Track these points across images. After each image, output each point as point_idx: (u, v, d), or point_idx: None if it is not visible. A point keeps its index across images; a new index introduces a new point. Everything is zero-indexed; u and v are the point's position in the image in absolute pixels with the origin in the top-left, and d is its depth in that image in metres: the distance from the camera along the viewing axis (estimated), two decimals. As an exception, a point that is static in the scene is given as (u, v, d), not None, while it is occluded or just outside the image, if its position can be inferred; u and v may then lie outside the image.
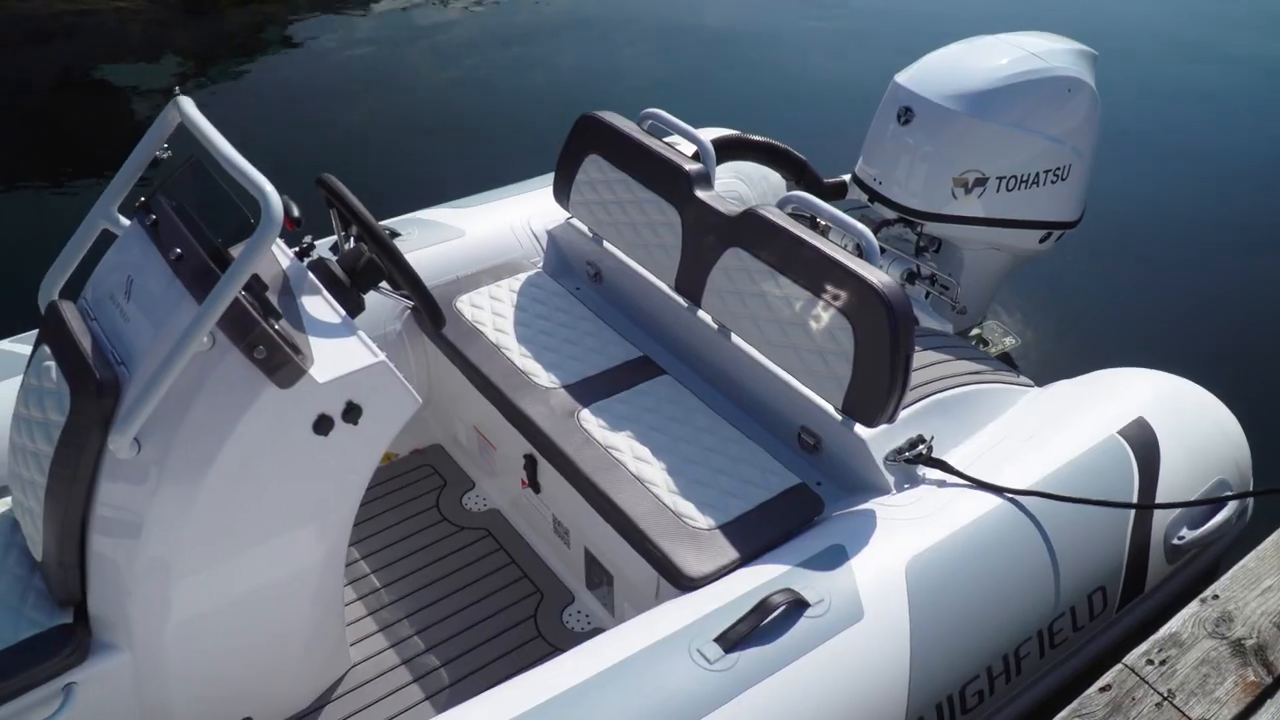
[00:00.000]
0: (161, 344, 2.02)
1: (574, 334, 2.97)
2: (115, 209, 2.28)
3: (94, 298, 2.24)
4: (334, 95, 6.53)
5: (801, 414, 2.62)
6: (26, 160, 5.81)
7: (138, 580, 2.12)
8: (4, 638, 2.12)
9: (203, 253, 2.06)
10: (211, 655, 2.30)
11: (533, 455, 2.82)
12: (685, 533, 2.36)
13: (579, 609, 2.86)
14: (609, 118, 3.10)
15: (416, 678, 2.68)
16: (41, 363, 2.14)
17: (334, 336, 2.14)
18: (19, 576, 2.24)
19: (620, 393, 2.77)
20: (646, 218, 2.94)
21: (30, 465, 2.13)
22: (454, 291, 3.11)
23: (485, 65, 7.00)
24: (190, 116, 2.05)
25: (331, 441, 2.14)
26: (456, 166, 5.74)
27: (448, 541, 3.05)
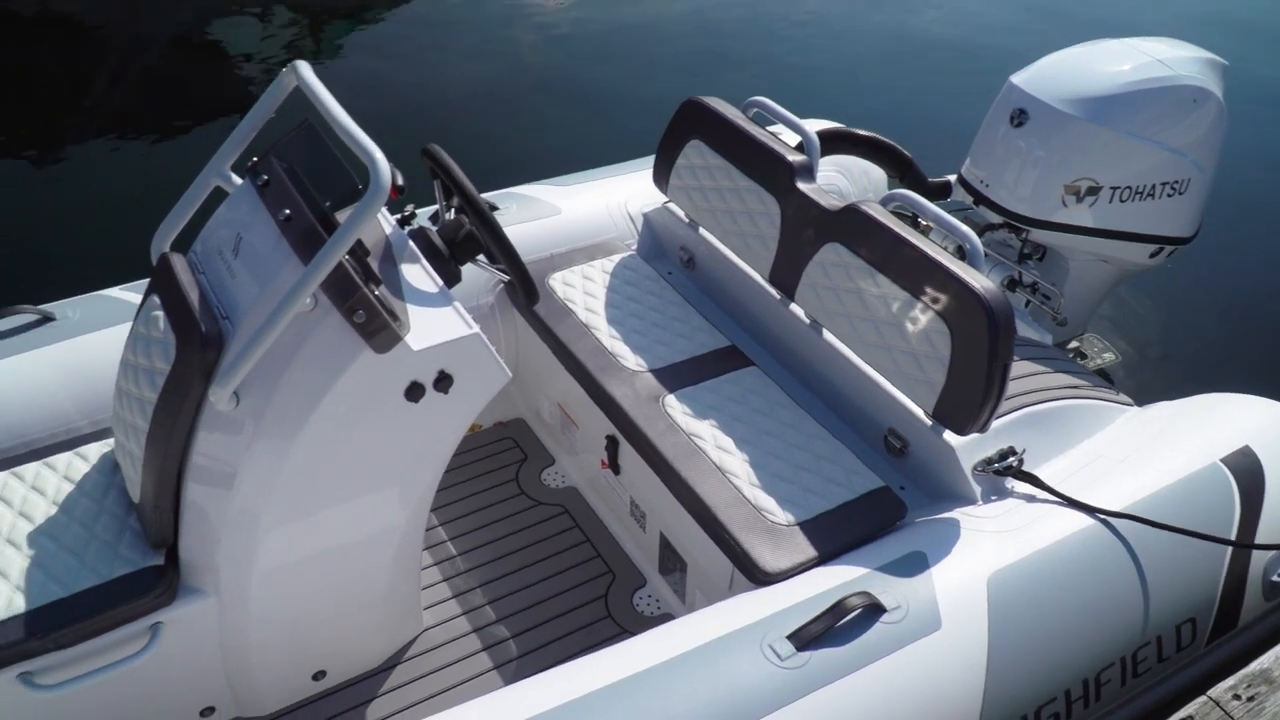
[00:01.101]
0: (265, 302, 2.07)
1: (663, 319, 2.97)
2: (228, 168, 2.34)
3: (203, 252, 2.30)
4: (441, 64, 6.61)
5: (890, 416, 2.58)
6: (142, 116, 6.01)
7: (227, 529, 2.18)
8: (100, 573, 2.20)
9: (310, 215, 2.10)
10: (292, 607, 2.36)
11: (615, 437, 2.82)
12: (764, 527, 2.34)
13: (650, 593, 2.86)
14: (714, 104, 3.07)
15: (486, 646, 2.72)
16: (150, 312, 2.21)
17: (431, 306, 2.17)
18: (117, 516, 2.33)
19: (706, 381, 2.75)
20: (745, 206, 2.92)
21: (134, 410, 2.21)
22: (547, 268, 3.13)
23: (593, 44, 7.02)
24: (306, 81, 2.09)
25: (421, 409, 2.17)
26: (557, 144, 5.77)
27: (525, 515, 3.08)
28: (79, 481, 2.41)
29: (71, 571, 2.20)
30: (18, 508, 2.34)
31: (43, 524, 2.30)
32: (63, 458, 2.47)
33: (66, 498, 2.37)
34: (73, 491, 2.38)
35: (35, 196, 5.30)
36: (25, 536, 2.27)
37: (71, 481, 2.41)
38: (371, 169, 1.88)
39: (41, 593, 2.16)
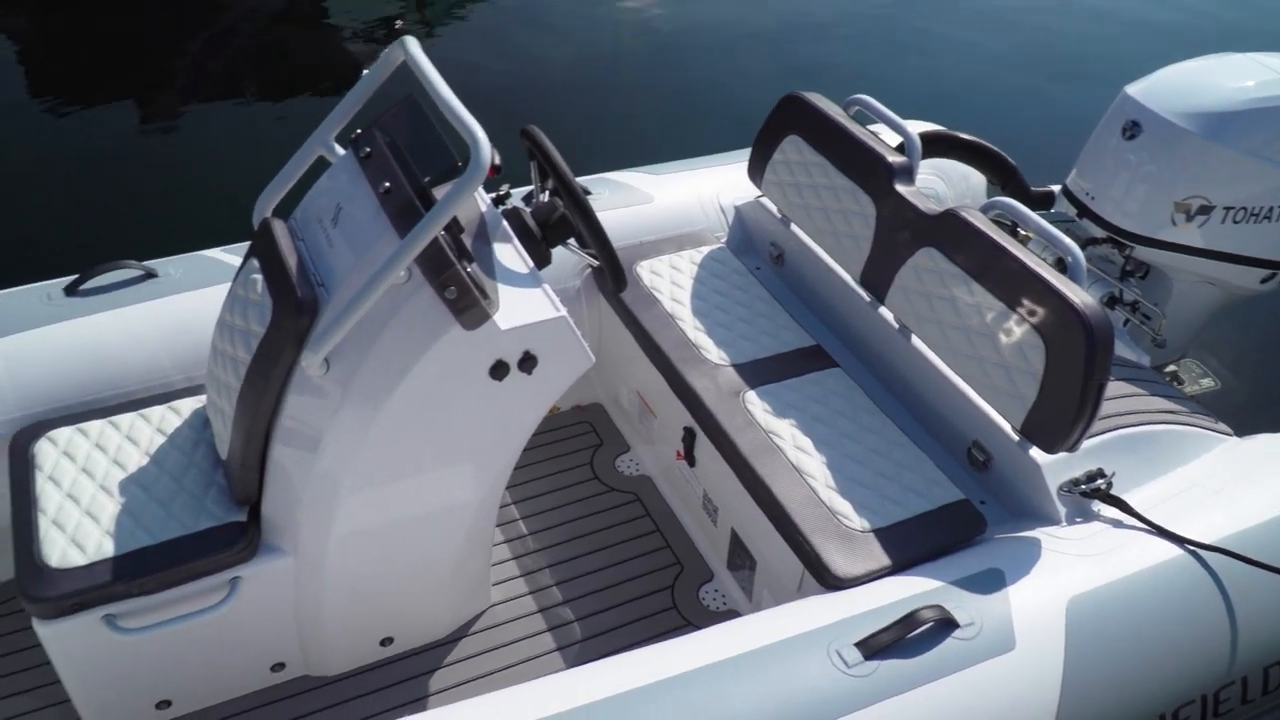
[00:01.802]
0: (361, 272, 2.10)
1: (749, 314, 2.94)
2: (332, 138, 2.38)
3: (303, 219, 2.34)
4: (541, 46, 6.65)
5: (975, 428, 2.52)
6: (250, 84, 6.15)
7: (309, 491, 2.23)
8: (185, 524, 2.27)
9: (409, 189, 2.13)
10: (365, 571, 2.40)
11: (692, 428, 2.81)
12: (838, 531, 2.31)
13: (716, 588, 2.85)
14: (814, 99, 3.03)
15: (550, 627, 2.73)
16: (250, 275, 2.26)
17: (520, 286, 2.18)
18: (204, 471, 2.39)
19: (789, 379, 2.72)
20: (840, 205, 2.87)
21: (228, 369, 2.27)
22: (635, 256, 3.13)
23: (693, 32, 6.99)
24: (414, 56, 2.11)
25: (504, 387, 2.19)
26: (651, 131, 5.77)
27: (597, 500, 3.09)
28: (171, 434, 2.48)
29: (159, 521, 2.27)
30: (112, 455, 2.42)
31: (134, 473, 2.38)
32: (156, 410, 2.55)
33: (158, 449, 2.44)
34: (164, 444, 2.46)
35: (145, 157, 5.48)
36: (118, 484, 2.35)
37: (164, 434, 2.48)
38: (473, 147, 1.90)
39: (130, 539, 2.23)
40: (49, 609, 2.14)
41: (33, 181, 5.27)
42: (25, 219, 5.01)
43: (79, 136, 5.62)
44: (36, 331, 2.59)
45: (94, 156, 5.46)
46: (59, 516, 2.27)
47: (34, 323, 2.61)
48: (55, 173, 5.33)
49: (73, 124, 5.74)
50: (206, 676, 2.44)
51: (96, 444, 2.45)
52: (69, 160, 5.43)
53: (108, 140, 5.59)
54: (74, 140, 5.59)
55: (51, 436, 2.46)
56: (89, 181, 5.27)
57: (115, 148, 5.53)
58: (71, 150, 5.51)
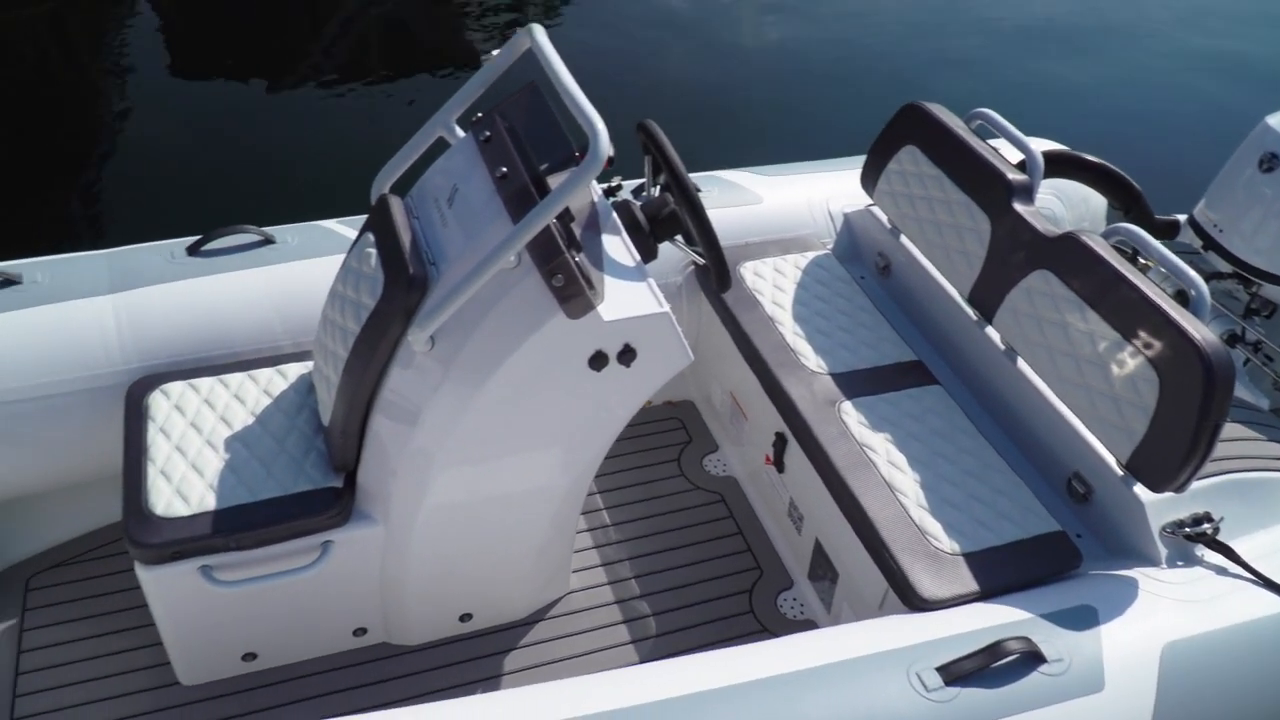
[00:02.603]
0: (472, 254, 2.13)
1: (850, 323, 2.91)
2: (454, 120, 2.42)
3: (419, 197, 2.39)
4: (659, 40, 6.66)
5: (1077, 459, 2.45)
6: (373, 63, 6.30)
7: (404, 463, 2.27)
8: (284, 485, 2.34)
9: (525, 175, 2.15)
10: (451, 546, 2.45)
11: (784, 434, 2.79)
12: (926, 551, 2.27)
13: (795, 596, 2.83)
14: (935, 110, 2.98)
15: (626, 619, 2.75)
16: (364, 248, 2.32)
17: (625, 279, 2.19)
18: (306, 435, 2.46)
19: (886, 393, 2.68)
20: (954, 220, 2.82)
21: (336, 338, 2.32)
22: (740, 256, 3.11)
23: (813, 35, 6.92)
24: (540, 45, 2.13)
25: (602, 378, 2.20)
26: (766, 132, 5.73)
27: (681, 498, 3.09)
28: (276, 397, 2.56)
29: (259, 479, 2.35)
30: (220, 412, 2.50)
31: (239, 431, 2.46)
32: (265, 372, 2.63)
33: (263, 410, 2.52)
34: (270, 405, 2.53)
35: (270, 127, 5.65)
36: (223, 440, 2.43)
37: (270, 396, 2.56)
38: (592, 139, 1.91)
39: (230, 495, 2.31)
40: (151, 555, 2.22)
41: (165, 144, 5.49)
42: (156, 179, 5.22)
43: (211, 103, 5.84)
44: (158, 288, 2.69)
45: (223, 123, 5.66)
46: (167, 467, 2.36)
47: (157, 279, 2.71)
48: (186, 136, 5.55)
49: (206, 91, 5.96)
50: (292, 634, 2.52)
51: (206, 400, 2.53)
52: (200, 125, 5.64)
53: (237, 108, 5.79)
54: (206, 106, 5.80)
55: (165, 390, 2.55)
56: (216, 146, 5.47)
57: (244, 116, 5.72)
58: (203, 116, 5.72)
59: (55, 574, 2.78)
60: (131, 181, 5.21)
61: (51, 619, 2.67)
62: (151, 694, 2.52)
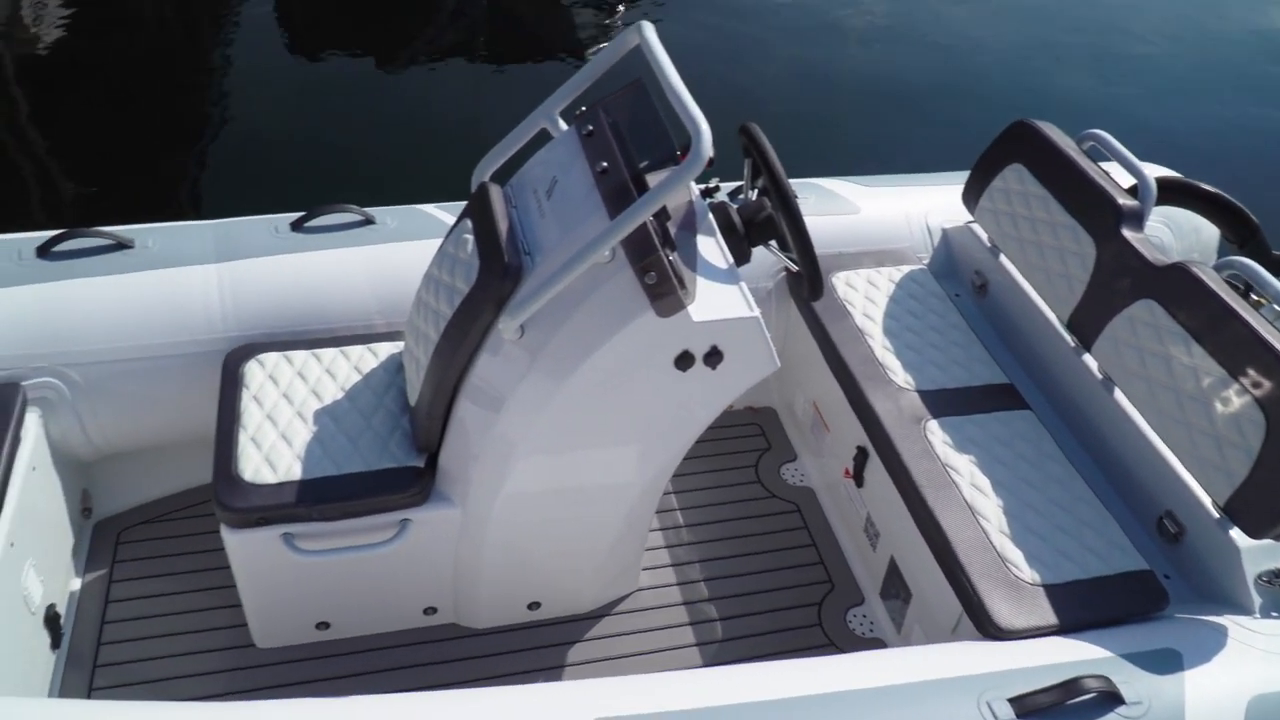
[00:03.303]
0: (567, 246, 2.14)
1: (942, 341, 2.85)
2: (557, 113, 2.43)
3: (518, 187, 2.41)
4: (764, 42, 6.62)
5: (1171, 498, 2.37)
6: (479, 52, 6.39)
7: (485, 449, 2.30)
8: (368, 461, 2.39)
9: (625, 172, 2.16)
10: (525, 534, 2.47)
11: (866, 448, 2.76)
12: (1006, 579, 2.22)
13: (865, 613, 2.79)
14: (1045, 129, 2.90)
15: (692, 621, 2.74)
16: (462, 234, 2.35)
17: (717, 281, 2.18)
18: (392, 414, 2.51)
19: (975, 414, 2.63)
20: (1057, 242, 2.75)
21: (428, 320, 2.36)
22: (834, 266, 3.08)
23: (920, 43, 6.82)
24: (649, 42, 2.14)
25: (687, 378, 2.20)
26: (867, 142, 5.66)
27: (756, 504, 3.07)
28: (366, 374, 2.61)
29: (345, 453, 2.40)
30: (311, 385, 2.56)
31: (329, 405, 2.51)
32: (356, 349, 2.69)
33: (353, 386, 2.57)
34: (359, 382, 2.59)
35: (376, 110, 5.77)
36: (313, 412, 2.49)
37: (360, 373, 2.61)
38: (695, 139, 1.90)
39: (316, 466, 2.36)
40: (237, 518, 2.29)
41: (274, 121, 5.65)
42: (265, 155, 5.37)
43: (322, 83, 5.98)
44: (261, 260, 2.77)
45: (331, 103, 5.80)
46: (257, 434, 2.42)
47: (260, 251, 2.78)
48: (295, 115, 5.70)
49: (318, 71, 6.11)
50: (365, 608, 2.57)
51: (299, 372, 2.60)
52: (309, 104, 5.79)
53: (346, 90, 5.92)
54: (316, 86, 5.95)
55: (260, 359, 2.62)
56: (323, 126, 5.60)
57: (352, 98, 5.86)
58: (313, 95, 5.87)
59: (145, 529, 2.88)
60: (241, 156, 5.37)
61: (139, 572, 2.76)
62: (227, 653, 2.59)
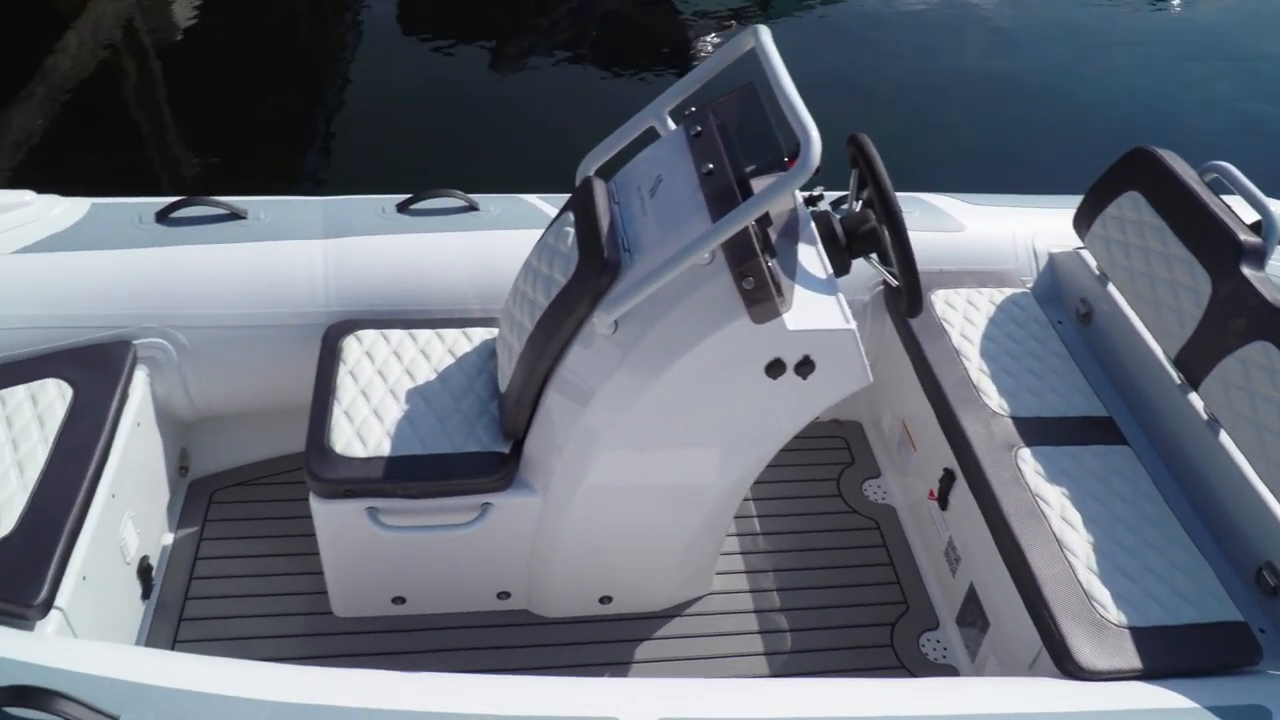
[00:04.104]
0: (668, 245, 2.15)
1: (1041, 367, 2.78)
2: (666, 112, 2.44)
3: (622, 183, 2.42)
4: (876, 51, 6.54)
5: (1273, 549, 2.27)
6: (592, 48, 6.43)
7: (570, 440, 2.32)
8: (455, 443, 2.42)
9: (731, 174, 2.15)
10: (603, 528, 2.48)
11: (953, 471, 2.70)
12: (1090, 618, 2.15)
13: (939, 639, 2.74)
14: (1166, 158, 2.81)
15: (762, 630, 2.72)
16: (563, 227, 2.37)
17: (815, 290, 2.16)
18: (482, 399, 2.54)
19: (1069, 446, 2.56)
20: (1170, 275, 2.65)
21: (524, 310, 2.39)
22: (934, 283, 3.02)
23: (1040, 61, 6.65)
24: (764, 45, 2.13)
25: (776, 386, 2.18)
26: (977, 158, 5.55)
27: (836, 518, 3.04)
28: (459, 358, 2.65)
29: (433, 434, 2.44)
30: (406, 364, 2.61)
31: (421, 385, 2.56)
32: (451, 333, 2.73)
33: (446, 368, 2.62)
34: (452, 365, 2.63)
35: (486, 99, 5.86)
36: (405, 391, 2.54)
37: (453, 356, 2.66)
38: (805, 146, 1.89)
39: (404, 444, 2.41)
40: (325, 489, 2.35)
41: (387, 104, 5.78)
42: (376, 136, 5.50)
43: (435, 71, 6.10)
44: (366, 239, 2.83)
45: (443, 90, 5.91)
46: (351, 408, 2.48)
47: (366, 230, 2.85)
48: (407, 99, 5.82)
49: (432, 59, 6.24)
50: (440, 586, 2.61)
51: (394, 351, 2.65)
52: (421, 90, 5.91)
53: (458, 78, 6.03)
54: (430, 73, 6.08)
55: (359, 335, 2.69)
56: (434, 112, 5.71)
57: (463, 86, 5.96)
58: (425, 81, 5.99)
59: (237, 491, 2.97)
60: (354, 136, 5.51)
61: (228, 533, 2.86)
62: (306, 618, 2.66)
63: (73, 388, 2.47)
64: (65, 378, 2.49)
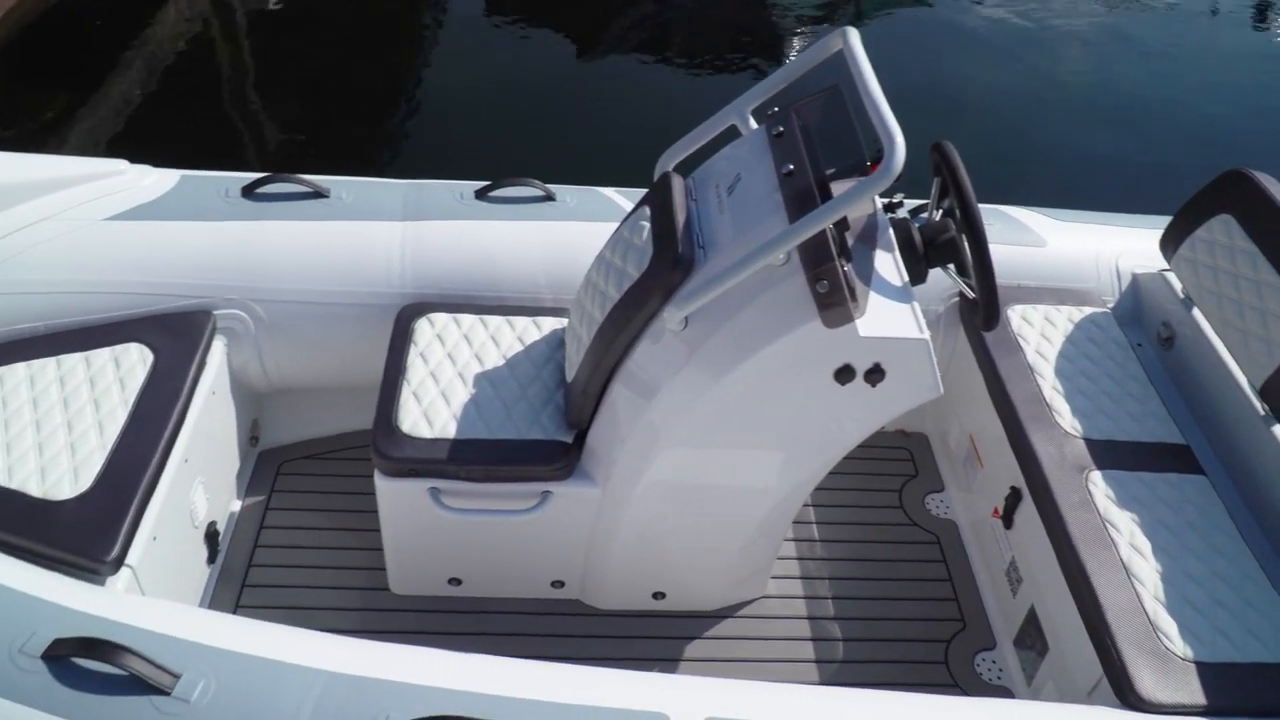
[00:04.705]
0: (743, 244, 2.14)
1: (1117, 390, 2.71)
2: (749, 111, 2.43)
3: (700, 180, 2.42)
4: (964, 58, 6.44)
5: None
6: (675, 43, 6.42)
7: (633, 434, 2.32)
8: (519, 430, 2.44)
9: (811, 176, 2.13)
10: (660, 524, 2.48)
11: (1020, 490, 2.65)
12: (1155, 649, 2.10)
13: (994, 659, 2.69)
14: (1262, 180, 2.72)
15: (814, 637, 2.70)
16: (639, 221, 2.37)
17: (890, 298, 2.14)
18: (548, 387, 2.56)
19: (1143, 472, 2.49)
20: (1260, 303, 2.57)
21: (595, 301, 2.40)
22: (1011, 298, 2.97)
23: (1136, 83, 6.48)
24: (852, 48, 2.10)
25: (844, 393, 2.16)
26: (1062, 172, 5.44)
27: (895, 530, 3.00)
28: (528, 346, 2.67)
29: (498, 419, 2.46)
30: (475, 349, 2.64)
31: (489, 370, 2.59)
32: (522, 320, 2.75)
33: (514, 355, 2.64)
34: (520, 352, 2.65)
35: (568, 90, 5.90)
36: (473, 375, 2.57)
37: (522, 343, 2.68)
38: (889, 152, 1.87)
39: (470, 427, 2.44)
40: (390, 467, 2.38)
41: (470, 91, 5.84)
42: (458, 122, 5.57)
43: (520, 60, 6.16)
44: (444, 223, 2.87)
45: (526, 80, 5.96)
46: (419, 389, 2.51)
47: (443, 215, 2.88)
48: (491, 87, 5.88)
49: (517, 48, 6.29)
50: (496, 570, 2.63)
51: (465, 335, 2.68)
52: (505, 79, 5.96)
53: (543, 68, 6.07)
54: (514, 62, 6.13)
55: (431, 318, 2.72)
56: (516, 100, 5.76)
57: (547, 76, 6.00)
58: (510, 70, 6.04)
59: (304, 465, 3.03)
60: (437, 121, 5.58)
61: (293, 504, 2.91)
62: (363, 593, 2.71)
63: (154, 353, 2.54)
64: (147, 343, 2.56)
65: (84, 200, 2.74)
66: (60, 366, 2.49)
